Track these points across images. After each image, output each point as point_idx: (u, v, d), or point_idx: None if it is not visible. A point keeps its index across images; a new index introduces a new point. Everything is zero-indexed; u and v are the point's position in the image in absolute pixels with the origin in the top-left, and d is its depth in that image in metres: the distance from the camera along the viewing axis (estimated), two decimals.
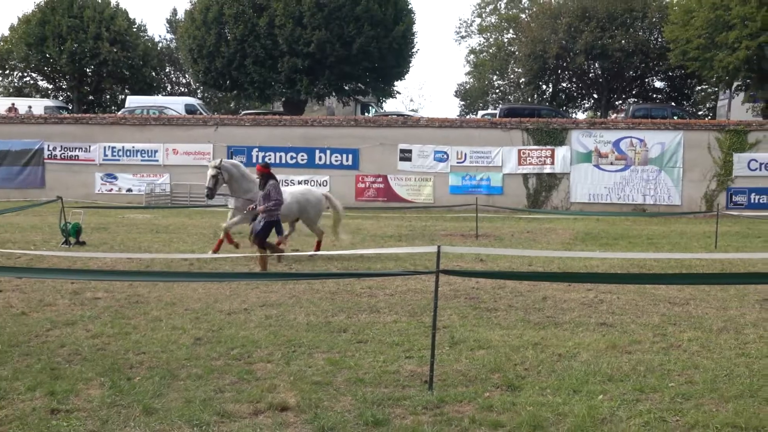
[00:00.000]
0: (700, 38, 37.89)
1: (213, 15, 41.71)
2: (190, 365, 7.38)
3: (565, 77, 53.11)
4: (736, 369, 7.38)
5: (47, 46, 49.28)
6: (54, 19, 48.98)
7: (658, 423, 5.90)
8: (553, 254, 14.80)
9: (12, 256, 14.75)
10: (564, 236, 21.04)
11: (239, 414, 6.05)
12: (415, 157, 33.44)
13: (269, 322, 9.40)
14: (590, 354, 7.94)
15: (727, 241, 19.96)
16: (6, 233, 19.19)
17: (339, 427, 5.77)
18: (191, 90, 59.34)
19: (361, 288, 11.76)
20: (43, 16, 49.39)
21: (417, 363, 7.51)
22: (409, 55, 45.82)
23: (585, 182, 32.70)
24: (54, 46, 48.97)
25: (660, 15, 46.75)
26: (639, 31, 48.58)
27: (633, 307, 10.63)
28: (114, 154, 35.16)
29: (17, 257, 14.71)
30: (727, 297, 11.36)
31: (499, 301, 10.96)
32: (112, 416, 5.96)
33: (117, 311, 9.86)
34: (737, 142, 32.18)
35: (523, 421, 5.88)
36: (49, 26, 48.93)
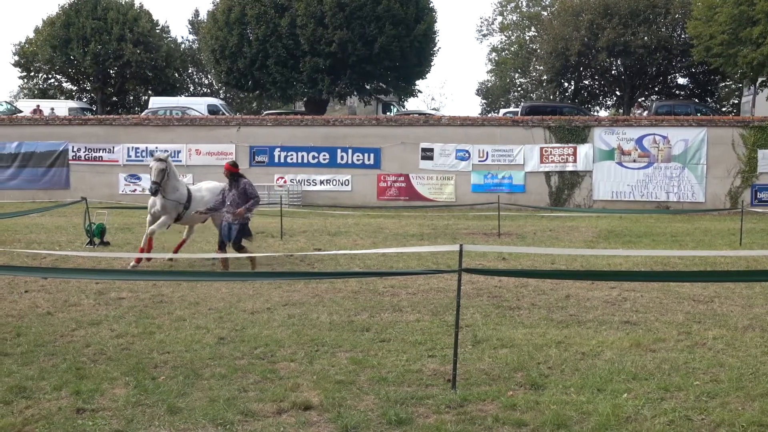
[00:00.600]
0: (723, 34, 37.56)
1: (235, 16, 41.89)
2: (214, 364, 7.41)
3: (587, 75, 52.84)
4: (762, 367, 7.32)
5: (71, 48, 49.72)
6: (78, 21, 49.41)
7: (683, 422, 5.85)
8: (576, 252, 14.74)
9: (38, 257, 14.90)
10: (587, 234, 20.95)
11: (263, 413, 6.07)
12: (437, 156, 33.42)
13: (292, 321, 9.42)
14: (614, 352, 7.90)
15: (752, 238, 19.80)
16: (32, 234, 19.39)
17: (362, 426, 5.77)
18: (213, 90, 59.67)
19: (384, 287, 11.77)
20: (67, 18, 49.83)
21: (440, 362, 7.50)
22: (431, 54, 45.79)
23: (608, 180, 32.54)
24: (78, 48, 49.40)
25: (683, 11, 46.38)
26: (662, 28, 48.23)
27: (657, 305, 10.57)
28: (137, 155, 35.39)
29: (43, 258, 14.85)
30: (752, 294, 11.27)
31: (521, 300, 10.93)
32: (137, 415, 5.99)
33: (141, 311, 9.92)
34: (762, 139, 31.90)
35: (546, 419, 5.85)
36: (73, 28, 49.37)
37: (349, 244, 18.07)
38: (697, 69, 48.63)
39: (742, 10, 36.26)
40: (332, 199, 32.84)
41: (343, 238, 19.57)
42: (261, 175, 34.32)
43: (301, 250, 16.25)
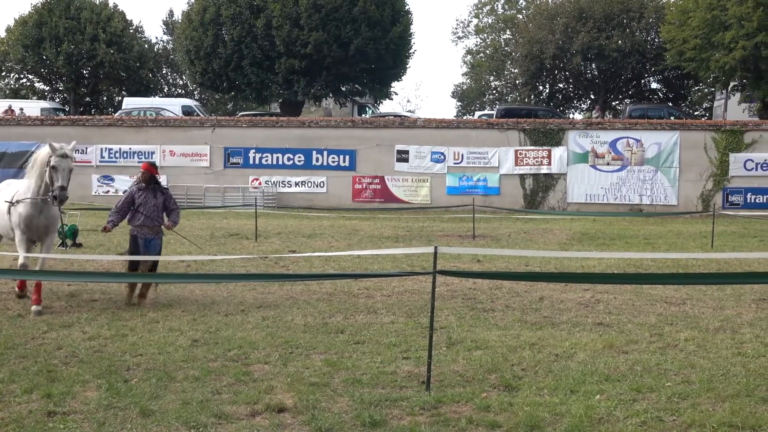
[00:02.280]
0: (696, 38, 37.94)
1: (210, 16, 41.70)
2: (188, 367, 7.37)
3: (562, 78, 53.15)
4: (733, 368, 7.39)
5: (44, 48, 49.25)
6: (51, 20, 48.94)
7: (655, 423, 5.90)
8: (550, 254, 14.81)
9: (8, 259, 14.71)
10: (561, 237, 21.06)
11: (236, 415, 6.04)
12: (412, 158, 33.45)
13: (266, 323, 9.39)
14: (587, 354, 7.94)
15: (724, 240, 19.98)
16: None
17: (336, 428, 5.76)
18: (188, 91, 59.35)
19: (358, 289, 11.77)
20: (40, 17, 49.35)
21: (414, 364, 7.51)
22: (407, 56, 45.87)
23: (582, 183, 32.73)
24: (51, 47, 48.93)
25: (657, 15, 46.81)
26: (636, 32, 48.62)
27: (630, 307, 10.65)
28: (111, 156, 35.13)
29: (14, 260, 14.66)
30: (723, 297, 11.38)
31: (496, 302, 10.97)
32: (109, 418, 5.94)
33: (113, 313, 9.85)
34: (733, 142, 32.23)
35: (520, 421, 5.88)
36: (45, 28, 48.90)
37: (324, 246, 18.04)
38: (671, 73, 49.08)
39: (714, 15, 36.65)
40: (307, 200, 32.77)
41: (317, 240, 19.54)
42: (236, 176, 34.20)
43: (275, 252, 16.20)
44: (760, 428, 5.74)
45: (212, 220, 25.31)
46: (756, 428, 5.75)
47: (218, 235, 20.35)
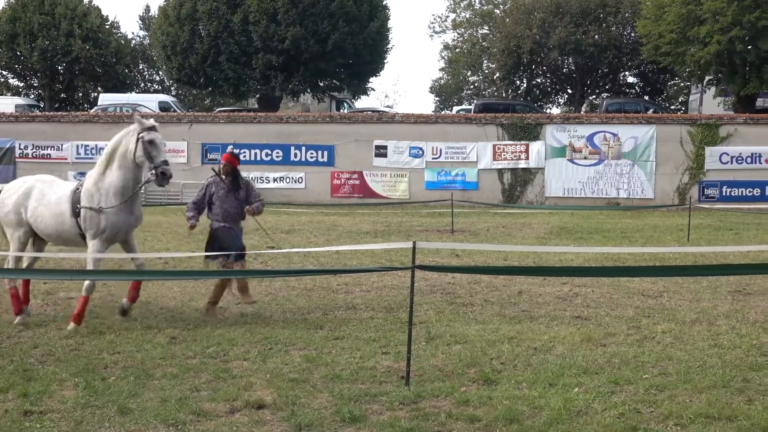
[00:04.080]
0: (672, 33, 38.17)
1: (186, 11, 41.45)
2: (166, 364, 7.33)
3: (539, 72, 53.35)
4: (709, 360, 7.45)
5: (18, 44, 48.71)
6: (25, 16, 48.41)
7: (632, 414, 5.94)
8: (528, 249, 14.88)
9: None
10: (539, 231, 21.14)
11: (215, 412, 6.02)
12: (391, 153, 33.45)
13: (245, 319, 9.37)
14: (565, 347, 7.98)
15: (700, 233, 20.14)
16: None
17: (316, 424, 5.76)
18: (165, 87, 58.99)
19: (337, 284, 11.76)
20: (14, 13, 48.79)
21: (393, 359, 7.51)
22: (384, 51, 45.84)
23: (559, 177, 32.87)
24: (25, 43, 48.41)
25: (633, 10, 47.06)
26: (612, 27, 48.89)
27: (607, 300, 10.71)
28: (87, 153, 34.84)
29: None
30: (699, 289, 11.47)
31: (474, 296, 11.00)
32: (87, 417, 5.90)
33: (90, 311, 9.74)
34: (709, 136, 32.48)
35: (499, 415, 5.89)
36: (19, 23, 48.36)
37: (303, 242, 18.02)
38: (647, 67, 49.41)
39: (689, 10, 36.88)
40: (286, 196, 32.68)
41: (296, 235, 19.50)
42: None
43: (254, 248, 16.13)
44: (736, 419, 5.80)
45: None
46: (732, 419, 5.80)
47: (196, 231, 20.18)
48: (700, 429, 5.60)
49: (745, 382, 6.76)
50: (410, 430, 5.60)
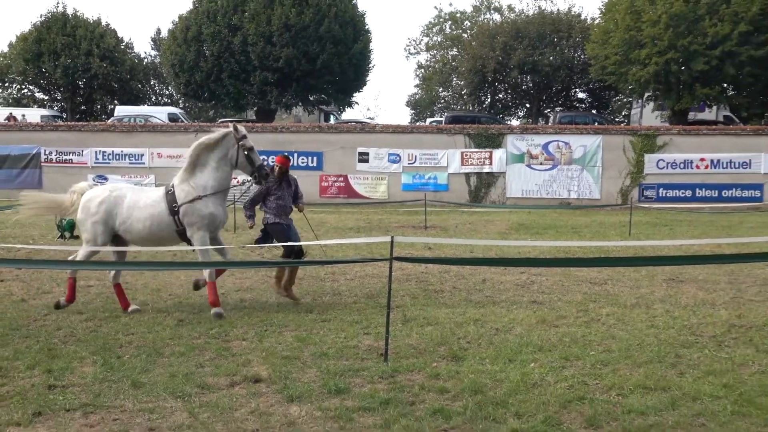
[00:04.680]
0: (616, 55, 38.41)
1: (192, 34, 41.24)
2: (174, 344, 7.29)
3: (502, 89, 53.50)
4: (647, 339, 7.49)
5: (43, 62, 48.25)
6: (49, 37, 47.95)
7: (580, 386, 5.97)
8: (491, 243, 14.91)
9: (12, 250, 14.40)
10: (501, 227, 21.20)
11: (217, 386, 6.00)
12: (372, 159, 33.46)
13: (244, 304, 9.34)
14: (523, 328, 8.01)
15: (640, 229, 20.27)
16: (7, 229, 18.79)
17: (305, 396, 5.75)
18: (173, 100, 58.57)
19: (325, 274, 11.75)
20: (39, 34, 48.31)
21: (374, 338, 7.51)
22: (366, 70, 45.81)
23: (518, 180, 33.00)
24: (49, 61, 47.96)
25: (582, 35, 47.31)
26: (565, 49, 49.12)
27: (559, 287, 10.75)
28: (104, 158, 34.63)
29: (17, 250, 14.37)
30: (639, 277, 11.54)
31: (444, 284, 11.01)
32: (104, 390, 5.86)
33: (108, 297, 9.71)
34: (648, 145, 32.72)
35: (465, 386, 5.91)
36: (44, 43, 47.90)
37: None
38: (595, 85, 49.67)
39: (631, 35, 37.13)
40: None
41: None
42: None
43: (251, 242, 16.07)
44: (670, 389, 5.85)
45: None
46: (666, 389, 5.85)
47: None
48: (638, 398, 5.64)
49: (677, 357, 6.80)
50: (388, 400, 5.61)
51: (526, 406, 5.48)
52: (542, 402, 5.56)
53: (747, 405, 5.44)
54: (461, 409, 5.42)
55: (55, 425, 5.16)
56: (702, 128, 34.57)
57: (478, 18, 61.82)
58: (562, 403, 5.53)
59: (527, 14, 52.83)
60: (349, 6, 42.33)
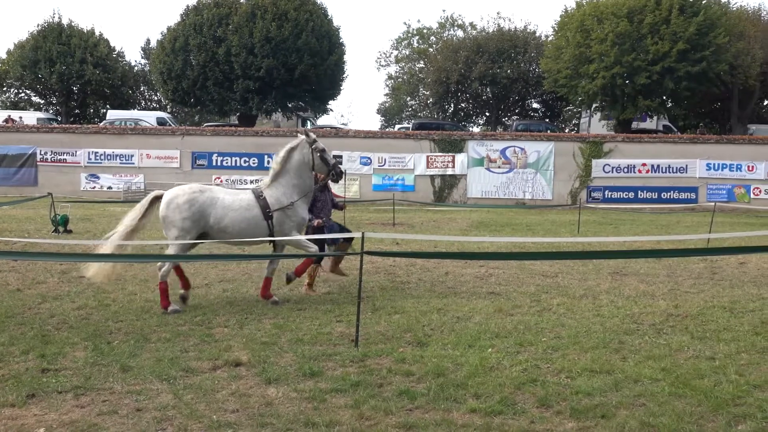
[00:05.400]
0: (567, 69, 38.78)
1: (180, 44, 40.77)
2: (160, 330, 7.20)
3: (464, 99, 53.70)
4: (593, 327, 7.55)
5: (39, 68, 47.33)
6: (45, 45, 47.04)
7: (533, 369, 6.01)
8: (454, 239, 14.91)
9: (9, 243, 14.12)
10: (462, 224, 21.29)
11: (201, 369, 5.94)
12: (345, 162, 33.38)
13: (226, 294, 9.26)
14: (482, 316, 8.04)
15: (587, 227, 20.49)
16: (4, 223, 18.41)
17: (282, 378, 5.71)
18: (162, 106, 57.81)
19: None
20: (36, 42, 47.37)
21: (346, 326, 7.49)
22: (341, 80, 45.67)
23: (478, 182, 33.17)
24: (45, 68, 47.08)
25: (537, 51, 47.66)
26: (521, 63, 49.43)
27: (515, 279, 10.80)
28: (97, 158, 34.15)
29: (14, 243, 14.10)
30: (586, 271, 11.65)
31: (411, 276, 11.02)
32: (94, 373, 5.77)
33: (98, 287, 9.55)
34: (595, 151, 33.08)
35: (429, 370, 5.91)
36: (41, 51, 46.97)
37: None
38: (548, 96, 50.08)
39: (581, 51, 37.50)
40: None
41: None
42: (201, 175, 33.56)
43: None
44: (614, 372, 5.90)
45: None
46: (610, 372, 5.90)
47: None
48: (585, 380, 5.68)
49: (620, 343, 6.87)
50: (358, 382, 5.59)
51: (484, 387, 5.49)
52: (498, 384, 5.57)
53: (683, 387, 5.51)
54: (425, 390, 5.42)
55: (47, 406, 5.06)
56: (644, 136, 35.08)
57: (443, 34, 61.97)
58: (516, 385, 5.56)
59: (488, 31, 53.05)
60: (325, 21, 42.19)
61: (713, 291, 9.85)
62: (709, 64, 35.69)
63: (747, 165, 32.49)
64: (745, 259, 13.02)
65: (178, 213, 8.24)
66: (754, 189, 32.46)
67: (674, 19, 35.40)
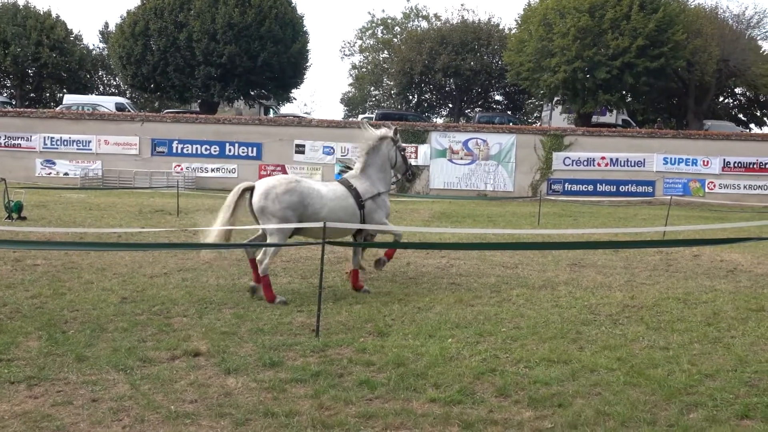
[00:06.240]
0: (530, 62, 39.10)
1: (140, 29, 40.02)
2: (117, 320, 7.08)
3: (427, 90, 53.82)
4: (551, 317, 7.64)
5: None
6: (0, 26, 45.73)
7: (492, 359, 6.05)
8: (416, 229, 14.98)
9: None
10: (424, 215, 21.34)
11: (159, 359, 5.86)
12: (308, 151, 33.25)
13: (185, 284, 9.13)
14: (442, 307, 8.07)
15: (547, 219, 20.72)
16: None
17: (242, 368, 5.67)
18: (121, 91, 56.67)
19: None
20: None
21: (306, 316, 7.46)
22: (304, 68, 45.36)
23: (441, 173, 33.31)
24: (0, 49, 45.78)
25: (500, 43, 47.96)
26: (484, 56, 49.71)
27: (475, 270, 10.85)
28: (53, 144, 33.36)
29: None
30: (545, 262, 11.77)
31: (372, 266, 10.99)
32: (48, 364, 5.64)
33: (54, 276, 9.35)
34: (556, 144, 33.48)
35: (389, 360, 5.93)
36: None
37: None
38: (510, 89, 50.48)
39: (543, 45, 37.83)
40: (221, 184, 32.04)
41: None
42: (161, 163, 33.09)
43: (194, 226, 15.74)
44: (571, 362, 5.98)
45: (141, 199, 24.39)
46: (568, 362, 5.98)
47: (146, 211, 19.63)
48: (543, 370, 5.75)
49: (578, 334, 6.96)
50: (318, 372, 5.58)
51: (444, 377, 5.52)
52: (458, 374, 5.61)
53: (637, 376, 5.62)
54: (385, 380, 5.44)
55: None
56: (603, 130, 35.60)
57: (407, 24, 61.95)
58: (475, 375, 5.60)
59: (452, 23, 53.20)
60: (288, 8, 41.80)
61: (668, 283, 10.06)
62: (667, 60, 36.35)
63: (702, 160, 33.24)
64: (699, 251, 13.32)
65: (278, 203, 8.24)
66: (709, 183, 33.23)
67: (634, 15, 35.93)
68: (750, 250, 13.75)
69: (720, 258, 12.72)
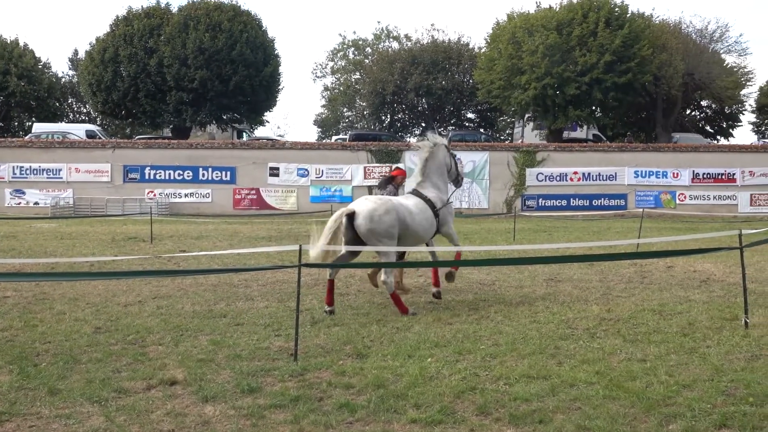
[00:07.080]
0: (500, 80, 39.55)
1: (110, 55, 39.84)
2: (91, 351, 6.94)
3: (400, 110, 54.12)
4: (530, 333, 7.64)
5: None
6: None
7: (472, 377, 6.03)
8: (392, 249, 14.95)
9: None
10: None
11: (134, 390, 5.75)
12: (282, 174, 33.19)
13: (160, 311, 9.00)
14: (421, 326, 8.04)
15: (522, 235, 20.85)
16: None
17: (220, 396, 5.59)
18: (91, 118, 56.22)
19: (238, 280, 11.49)
20: None
21: (284, 340, 7.39)
22: (276, 91, 45.39)
23: None
24: None
25: (471, 62, 48.47)
26: (455, 75, 50.18)
27: (453, 288, 10.83)
28: (22, 173, 32.91)
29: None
30: (522, 278, 11.82)
31: (350, 287, 10.98)
32: (20, 398, 5.51)
33: (24, 307, 9.17)
34: (529, 160, 33.80)
35: (369, 382, 5.88)
36: None
37: (210, 246, 17.55)
38: (482, 106, 50.94)
39: (513, 63, 38.32)
40: (195, 209, 31.84)
41: (204, 241, 18.98)
42: (133, 189, 32.78)
43: (168, 252, 15.59)
44: (550, 377, 5.99)
45: (113, 227, 24.10)
46: (547, 378, 5.98)
47: (119, 239, 19.40)
48: (523, 387, 5.74)
49: (556, 349, 6.97)
50: (298, 397, 5.52)
51: (424, 397, 5.49)
52: (438, 393, 5.58)
53: (616, 389, 5.64)
54: (365, 402, 5.39)
55: None
56: (575, 145, 36.05)
57: (378, 45, 62.38)
58: (456, 394, 5.57)
59: (422, 43, 53.68)
60: (259, 32, 41.91)
61: (643, 294, 10.14)
62: (634, 75, 37.00)
63: (672, 172, 33.75)
64: (673, 262, 13.48)
65: (385, 224, 8.73)
66: (680, 195, 33.72)
67: (601, 32, 36.58)
68: (722, 259, 13.95)
69: (693, 268, 12.88)
